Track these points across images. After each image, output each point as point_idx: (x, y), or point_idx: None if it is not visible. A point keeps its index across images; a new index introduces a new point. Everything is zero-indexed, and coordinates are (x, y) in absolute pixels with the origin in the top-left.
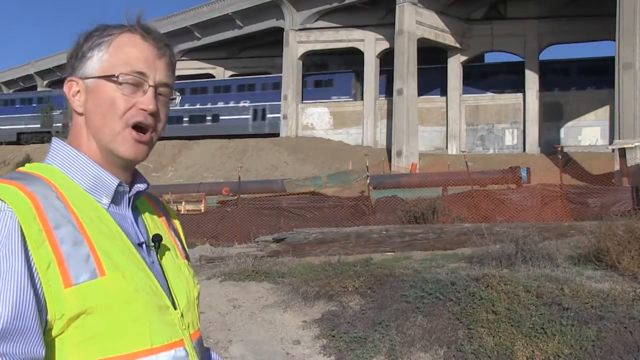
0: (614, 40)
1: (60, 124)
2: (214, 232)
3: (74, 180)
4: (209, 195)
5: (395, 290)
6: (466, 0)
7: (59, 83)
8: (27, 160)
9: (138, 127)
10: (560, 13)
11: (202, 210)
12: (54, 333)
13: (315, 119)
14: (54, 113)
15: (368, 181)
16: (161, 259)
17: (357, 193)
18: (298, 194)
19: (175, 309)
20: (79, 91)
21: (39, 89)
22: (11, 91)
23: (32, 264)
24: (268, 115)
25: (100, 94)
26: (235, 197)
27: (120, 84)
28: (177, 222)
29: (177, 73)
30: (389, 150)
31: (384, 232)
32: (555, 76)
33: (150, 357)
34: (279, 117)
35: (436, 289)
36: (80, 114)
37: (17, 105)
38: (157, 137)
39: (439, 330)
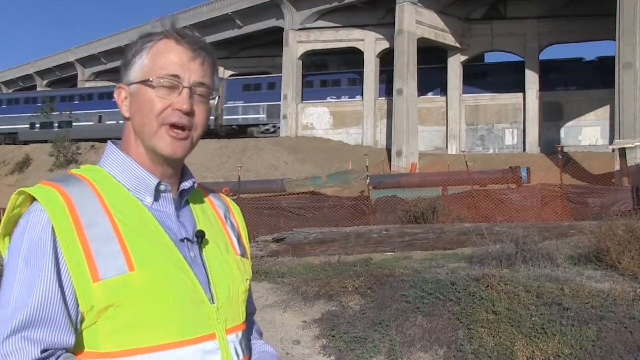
0: (614, 40)
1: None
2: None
3: (119, 182)
4: None
5: (395, 291)
6: (466, 0)
7: (59, 83)
8: (27, 160)
9: (176, 126)
10: (560, 13)
11: None
12: (87, 323)
13: (315, 119)
14: (54, 113)
15: (368, 181)
16: (206, 253)
17: (357, 193)
18: (298, 194)
19: (213, 303)
20: (126, 97)
21: (38, 89)
22: (11, 91)
23: (63, 260)
24: None
25: (140, 97)
26: (235, 197)
27: (155, 87)
28: (238, 218)
29: None
30: (389, 150)
31: (384, 232)
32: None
33: (179, 350)
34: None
35: (436, 289)
36: (127, 119)
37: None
38: (199, 134)
39: (439, 330)
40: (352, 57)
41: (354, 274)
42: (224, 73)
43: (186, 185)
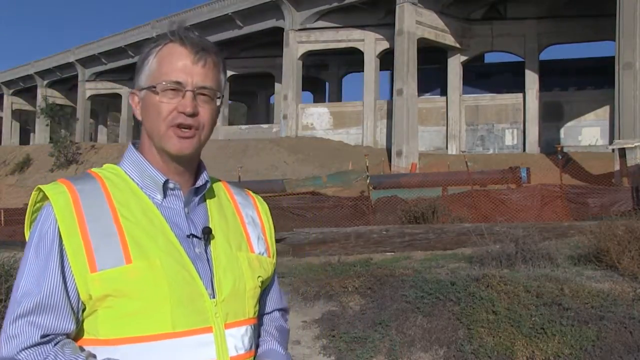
0: (614, 40)
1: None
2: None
3: (133, 179)
4: None
5: (395, 290)
6: (466, 0)
7: (59, 83)
8: (28, 160)
9: (182, 126)
10: (560, 13)
11: None
12: (88, 311)
13: (315, 119)
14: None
15: (368, 181)
16: (213, 249)
17: (357, 193)
18: (298, 194)
19: (213, 297)
20: (138, 102)
21: (39, 89)
22: (11, 91)
23: (64, 251)
24: None
25: (148, 102)
26: None
27: (158, 93)
28: (264, 216)
29: None
30: (389, 150)
31: (384, 232)
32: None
33: (172, 340)
34: None
35: (436, 289)
36: (140, 122)
37: None
38: (206, 132)
39: (439, 330)
40: (352, 57)
41: (354, 274)
42: None
43: (199, 182)
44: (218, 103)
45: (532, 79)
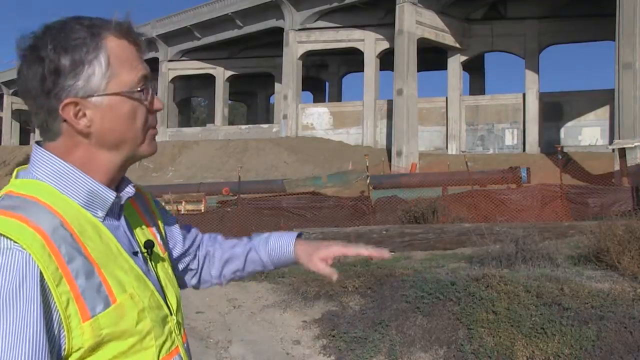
0: (614, 40)
1: None
2: (214, 232)
3: (68, 197)
4: (209, 195)
5: (395, 290)
6: (466, 0)
7: None
8: (28, 160)
9: (154, 125)
10: (560, 13)
11: (202, 211)
12: None
13: (315, 119)
14: None
15: (368, 181)
16: (154, 264)
17: (357, 193)
18: (298, 194)
19: (171, 315)
20: (85, 114)
21: None
22: (11, 91)
23: (52, 304)
24: None
25: (117, 110)
26: (235, 197)
27: (135, 95)
28: (153, 206)
29: (178, 73)
30: (389, 150)
31: (384, 232)
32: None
33: None
34: None
35: (436, 289)
36: (86, 135)
37: None
38: None
39: (439, 330)
40: (352, 57)
41: (354, 273)
42: (224, 73)
43: (129, 192)
44: None
45: (532, 79)
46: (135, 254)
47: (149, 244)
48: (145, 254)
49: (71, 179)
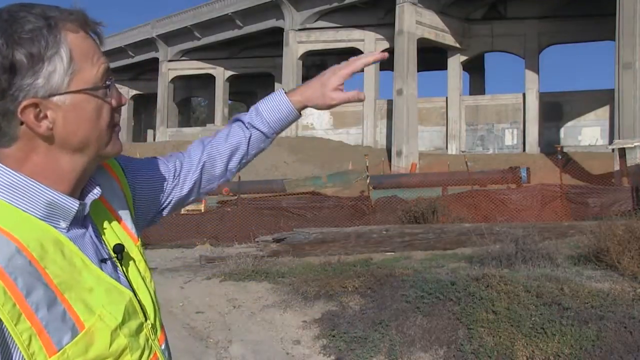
0: (614, 40)
1: None
2: (214, 232)
3: (25, 211)
4: (209, 195)
5: (395, 290)
6: (466, 0)
7: None
8: None
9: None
10: (560, 13)
11: (202, 210)
12: None
13: (315, 118)
14: None
15: (368, 181)
16: (125, 268)
17: (357, 193)
18: (298, 194)
19: (146, 321)
20: (46, 115)
21: None
22: None
23: (12, 344)
24: None
25: (82, 109)
26: (235, 197)
27: (100, 91)
28: (123, 180)
29: (178, 73)
30: (389, 150)
31: (384, 232)
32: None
33: None
34: None
35: (436, 289)
36: (47, 138)
37: None
38: None
39: (439, 330)
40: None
41: (354, 273)
42: (224, 73)
43: (96, 194)
44: None
45: (532, 79)
46: (103, 261)
47: (119, 248)
48: (115, 259)
49: (26, 191)
